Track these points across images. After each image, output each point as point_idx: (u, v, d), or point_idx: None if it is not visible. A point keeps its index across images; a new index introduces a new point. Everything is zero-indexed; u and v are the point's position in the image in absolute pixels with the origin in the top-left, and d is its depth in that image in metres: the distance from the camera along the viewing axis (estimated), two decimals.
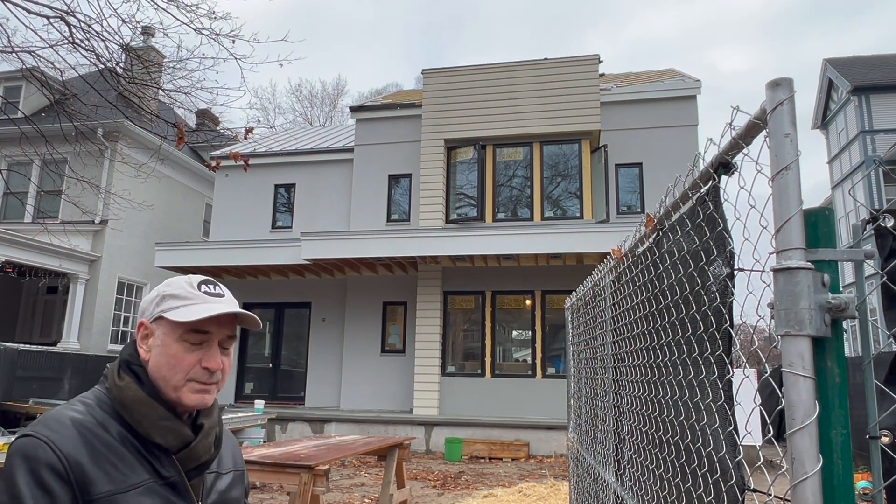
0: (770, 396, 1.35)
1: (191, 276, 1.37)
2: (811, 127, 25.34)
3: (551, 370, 12.82)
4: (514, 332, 13.61)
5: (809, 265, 0.95)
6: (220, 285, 1.37)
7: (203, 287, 1.33)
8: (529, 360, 13.10)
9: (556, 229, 12.14)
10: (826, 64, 23.29)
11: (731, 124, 1.20)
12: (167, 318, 1.27)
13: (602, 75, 15.09)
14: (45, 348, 14.01)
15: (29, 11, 6.58)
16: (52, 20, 6.40)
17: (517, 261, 13.03)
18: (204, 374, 1.28)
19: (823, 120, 24.48)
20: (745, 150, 1.18)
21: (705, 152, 1.36)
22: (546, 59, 13.95)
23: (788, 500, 0.94)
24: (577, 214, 13.20)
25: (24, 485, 1.10)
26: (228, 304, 1.32)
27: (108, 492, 1.15)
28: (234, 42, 7.09)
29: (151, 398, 1.25)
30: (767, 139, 1.04)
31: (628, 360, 2.26)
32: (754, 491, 1.12)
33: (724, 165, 1.28)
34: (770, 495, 1.04)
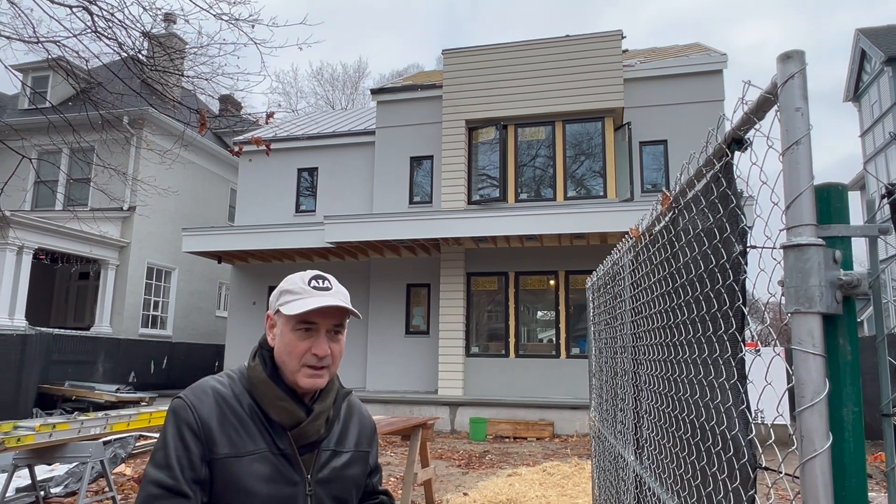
0: None
1: (305, 272, 1.53)
2: (843, 99, 24.67)
3: (575, 350, 12.80)
4: (538, 313, 13.60)
5: (820, 241, 0.94)
6: (330, 279, 1.52)
7: (313, 282, 1.48)
8: (553, 340, 13.09)
9: (579, 209, 12.05)
10: (859, 34, 22.59)
11: (743, 99, 1.18)
12: (282, 311, 1.45)
13: (625, 51, 14.84)
14: (78, 333, 14.39)
15: (52, 1, 6.66)
16: (74, 9, 6.48)
17: (540, 241, 12.98)
18: (314, 360, 1.44)
19: (856, 92, 23.81)
20: (757, 126, 1.16)
21: (718, 129, 1.34)
22: (568, 36, 13.76)
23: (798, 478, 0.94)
24: (601, 193, 13.08)
25: (170, 435, 1.36)
26: (334, 297, 1.46)
27: (226, 454, 1.36)
28: (253, 27, 7.11)
29: (271, 380, 1.45)
30: (778, 113, 1.02)
31: (646, 339, 2.26)
32: (766, 469, 1.12)
33: (736, 141, 1.26)
34: (781, 473, 1.03)
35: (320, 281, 1.49)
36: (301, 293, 1.46)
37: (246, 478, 1.36)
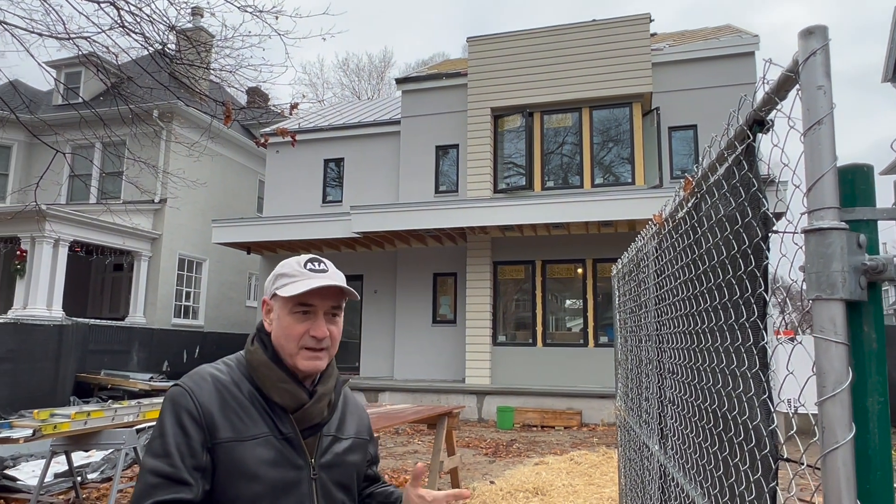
0: None
1: (301, 255, 1.53)
2: (882, 80, 23.87)
3: (604, 339, 12.70)
4: (566, 301, 13.52)
5: (843, 225, 0.90)
6: (325, 262, 1.52)
7: (309, 265, 1.48)
8: (581, 328, 13.00)
9: (606, 196, 11.91)
10: None
11: (764, 78, 1.14)
12: (279, 294, 1.44)
13: (653, 35, 14.57)
14: (113, 323, 14.72)
15: None
16: (102, 4, 6.57)
17: (567, 229, 12.88)
18: (312, 342, 1.43)
19: (895, 72, 23.01)
20: (779, 106, 1.12)
21: (740, 110, 1.29)
22: (594, 20, 13.56)
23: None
24: (629, 180, 12.90)
25: (168, 423, 1.33)
26: (331, 278, 1.46)
27: (229, 438, 1.34)
28: (277, 18, 7.14)
29: (272, 363, 1.44)
30: (800, 92, 0.98)
31: (670, 327, 2.22)
32: (788, 460, 1.09)
33: (758, 123, 1.22)
34: (802, 464, 1.00)
35: (316, 263, 1.49)
36: (298, 276, 1.45)
37: (249, 462, 1.34)
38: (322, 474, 1.45)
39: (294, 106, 6.51)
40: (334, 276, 1.48)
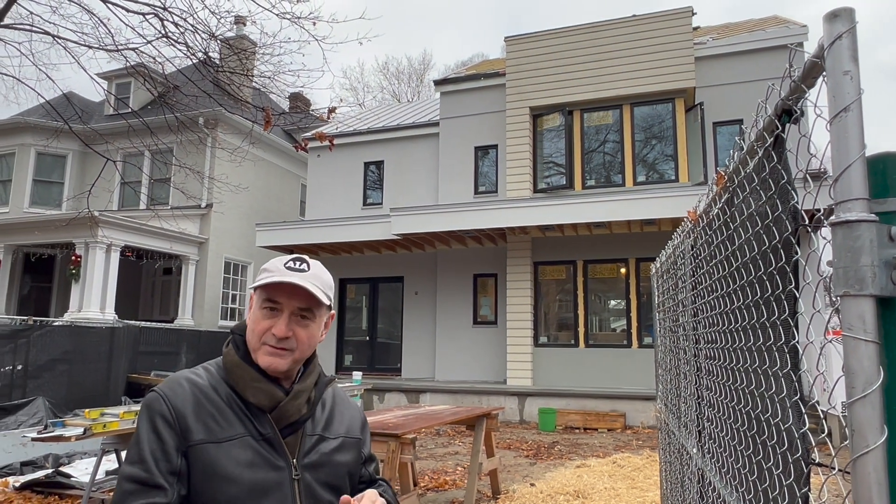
0: None
1: (288, 255, 1.51)
2: None
3: (648, 339, 12.46)
4: (609, 302, 13.32)
5: (872, 217, 0.85)
6: (309, 262, 1.48)
7: (289, 263, 1.46)
8: (624, 329, 12.79)
9: (648, 194, 11.69)
10: None
11: (790, 65, 1.09)
12: (254, 287, 1.46)
13: (696, 29, 14.25)
14: (163, 325, 15.15)
15: (127, 10, 7.00)
16: (147, 17, 6.78)
17: (609, 228, 12.69)
18: (272, 339, 1.41)
19: None
20: (807, 94, 1.08)
21: (768, 99, 1.24)
22: (634, 15, 13.33)
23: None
24: (673, 177, 12.64)
25: (143, 429, 1.34)
26: (303, 279, 1.42)
27: (202, 440, 1.33)
28: (314, 24, 7.26)
29: (244, 362, 1.43)
30: (826, 79, 0.93)
31: (705, 326, 2.16)
32: (819, 465, 1.04)
33: (787, 112, 1.17)
34: (834, 469, 0.95)
35: (297, 263, 1.46)
36: (274, 272, 1.43)
37: (226, 464, 1.32)
38: (306, 475, 1.42)
39: (332, 110, 6.59)
40: (309, 278, 1.43)
